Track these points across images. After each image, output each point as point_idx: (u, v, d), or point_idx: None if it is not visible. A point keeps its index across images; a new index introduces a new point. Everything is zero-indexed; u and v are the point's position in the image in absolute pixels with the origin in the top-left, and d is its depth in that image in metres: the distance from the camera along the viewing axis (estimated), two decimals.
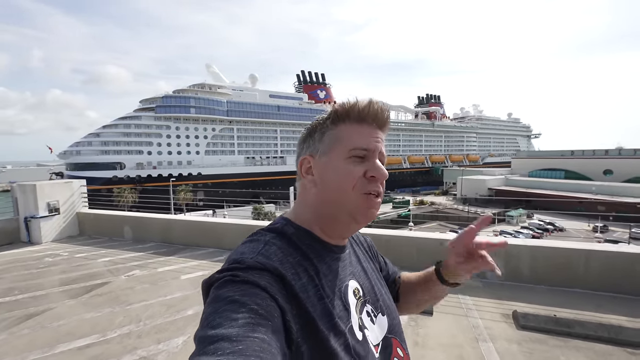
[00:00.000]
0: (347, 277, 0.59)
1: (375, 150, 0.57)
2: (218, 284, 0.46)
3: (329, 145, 0.57)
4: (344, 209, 0.56)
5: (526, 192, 41.73)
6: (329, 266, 0.57)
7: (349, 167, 0.55)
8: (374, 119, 0.58)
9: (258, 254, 0.50)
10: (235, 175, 51.88)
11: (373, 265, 0.72)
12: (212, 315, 0.41)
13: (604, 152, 50.14)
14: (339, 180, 0.56)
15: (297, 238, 0.56)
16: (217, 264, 4.09)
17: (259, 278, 0.45)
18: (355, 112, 0.57)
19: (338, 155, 0.56)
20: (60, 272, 3.86)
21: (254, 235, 0.57)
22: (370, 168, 0.56)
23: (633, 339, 2.18)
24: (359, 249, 0.72)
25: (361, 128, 0.57)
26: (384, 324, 0.62)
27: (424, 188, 66.53)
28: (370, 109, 0.57)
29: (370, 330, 0.57)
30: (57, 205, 5.42)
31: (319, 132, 0.59)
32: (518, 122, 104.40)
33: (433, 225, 30.92)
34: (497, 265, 0.57)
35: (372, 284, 0.65)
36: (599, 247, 3.18)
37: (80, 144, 45.17)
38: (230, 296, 0.43)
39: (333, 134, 0.58)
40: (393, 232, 3.95)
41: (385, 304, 0.65)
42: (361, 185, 0.55)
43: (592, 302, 2.82)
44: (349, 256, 0.64)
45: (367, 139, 0.57)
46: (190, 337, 2.37)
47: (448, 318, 2.64)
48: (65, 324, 2.60)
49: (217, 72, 60.88)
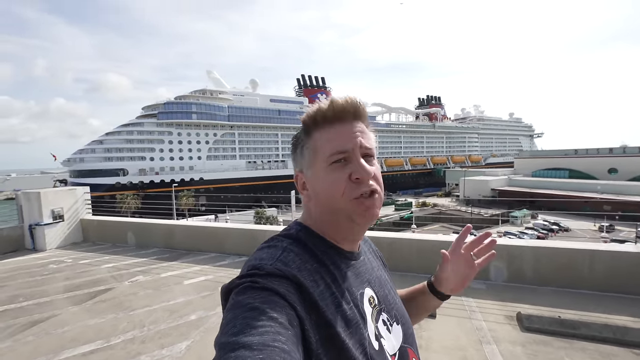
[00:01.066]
0: (362, 285, 0.59)
1: (354, 148, 0.54)
2: (238, 290, 0.46)
3: (309, 159, 0.57)
4: (342, 214, 0.55)
5: (530, 192, 41.43)
6: (345, 273, 0.56)
7: (332, 175, 0.54)
8: (342, 115, 0.55)
9: (277, 260, 0.50)
10: (237, 180, 52.02)
11: (386, 274, 0.71)
12: (232, 321, 0.41)
13: (609, 151, 49.71)
14: (327, 191, 0.55)
15: (312, 244, 0.56)
16: (220, 269, 4.10)
17: (278, 285, 0.45)
18: (320, 116, 0.55)
19: (319, 166, 0.55)
20: (65, 278, 3.89)
21: (271, 241, 0.57)
22: (354, 170, 0.53)
23: (639, 340, 2.16)
24: (373, 257, 0.71)
25: (333, 130, 0.55)
26: (399, 333, 0.61)
27: (426, 190, 66.22)
28: (335, 108, 0.55)
29: (386, 339, 0.57)
30: (61, 213, 5.47)
31: (299, 147, 0.59)
32: (520, 122, 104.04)
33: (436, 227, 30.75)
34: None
35: (386, 292, 0.65)
36: (604, 247, 3.16)
37: (84, 151, 45.62)
38: (251, 303, 0.43)
39: (310, 147, 0.57)
40: (394, 234, 3.95)
41: (399, 312, 0.64)
42: (349, 191, 0.53)
43: (597, 303, 2.79)
44: (364, 263, 0.64)
45: (341, 140, 0.54)
46: (194, 342, 2.38)
47: (451, 320, 2.63)
48: (70, 330, 2.62)
49: (218, 77, 61.43)
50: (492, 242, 0.66)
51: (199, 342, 2.38)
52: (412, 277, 3.52)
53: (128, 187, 43.25)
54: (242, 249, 4.63)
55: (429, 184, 70.64)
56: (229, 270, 4.03)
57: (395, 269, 3.65)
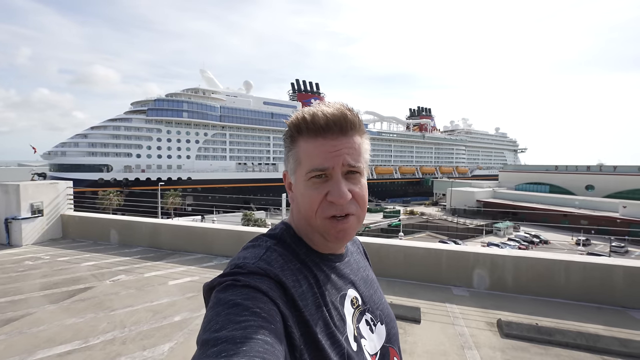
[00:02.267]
0: (345, 286, 0.59)
1: (334, 167, 0.51)
2: (220, 288, 0.46)
3: (293, 166, 0.56)
4: (315, 230, 0.55)
5: (513, 205, 42.84)
6: (327, 275, 0.57)
7: (308, 191, 0.53)
8: (328, 129, 0.52)
9: (259, 260, 0.50)
10: (226, 181, 51.31)
11: (371, 274, 0.71)
12: (214, 318, 0.41)
13: (586, 168, 52.27)
14: (303, 204, 0.54)
15: (296, 245, 0.57)
16: (206, 270, 4.03)
17: (260, 283, 0.46)
18: (307, 125, 0.52)
19: (300, 177, 0.54)
20: (41, 275, 3.73)
21: (255, 241, 0.57)
22: (330, 190, 0.51)
23: (609, 347, 2.28)
24: (360, 257, 0.71)
25: (316, 143, 0.52)
26: (383, 333, 0.61)
27: (415, 198, 67.31)
28: (328, 121, 0.51)
29: (368, 339, 0.57)
30: (40, 207, 5.25)
31: (286, 150, 0.57)
32: (505, 137, 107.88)
33: (423, 235, 31.21)
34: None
35: (372, 292, 0.65)
36: (577, 259, 3.32)
37: (66, 145, 44.03)
38: (233, 300, 0.43)
39: (294, 154, 0.55)
40: (382, 240, 4.01)
41: (384, 312, 0.65)
42: (323, 210, 0.52)
43: (572, 311, 2.92)
44: (349, 264, 0.64)
45: (323, 157, 0.51)
46: (177, 343, 2.33)
47: (435, 326, 2.69)
48: (46, 329, 2.51)
49: (212, 77, 60.94)
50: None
51: (182, 343, 2.34)
52: (400, 283, 3.58)
53: (111, 183, 41.92)
54: (230, 250, 4.57)
55: (417, 193, 71.87)
56: (216, 272, 3.96)
57: (382, 274, 3.70)
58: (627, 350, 2.24)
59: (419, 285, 3.53)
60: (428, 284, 3.56)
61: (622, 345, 2.28)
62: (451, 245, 3.96)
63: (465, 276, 3.51)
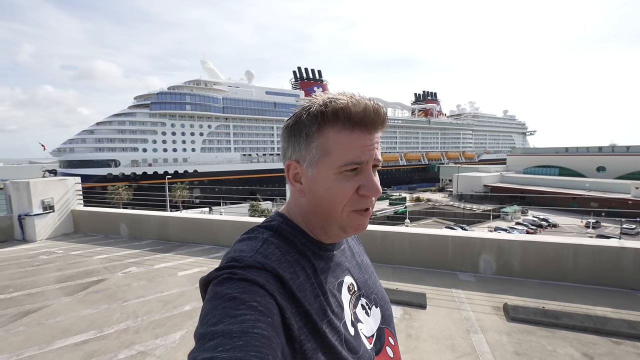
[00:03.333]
0: (342, 274, 0.60)
1: (369, 161, 0.51)
2: (216, 282, 0.46)
3: (316, 157, 0.51)
4: (335, 222, 0.55)
5: (521, 189, 42.20)
6: (325, 263, 0.57)
7: (340, 184, 0.51)
8: (368, 123, 0.50)
9: (256, 253, 0.50)
10: (232, 173, 51.63)
11: (366, 258, 0.73)
12: (211, 312, 0.41)
13: (598, 149, 50.79)
14: (329, 198, 0.52)
15: (293, 236, 0.56)
16: (214, 261, 4.11)
17: (257, 276, 0.46)
18: (345, 116, 0.49)
19: (327, 169, 0.51)
20: (56, 269, 3.86)
21: (251, 233, 0.56)
22: (364, 184, 0.51)
23: (617, 329, 2.26)
24: (354, 242, 0.72)
25: (353, 136, 0.50)
26: (378, 315, 0.63)
27: (421, 185, 66.86)
28: (366, 114, 0.50)
29: (365, 323, 0.59)
30: (51, 203, 5.38)
31: (304, 137, 0.52)
32: (514, 120, 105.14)
33: (429, 221, 31.16)
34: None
35: (366, 277, 0.67)
36: (587, 242, 3.26)
37: (74, 141, 44.60)
38: (229, 293, 0.43)
39: (320, 144, 0.51)
40: (388, 228, 4.00)
41: (379, 295, 0.66)
42: (352, 203, 0.51)
43: (580, 294, 2.90)
44: (344, 251, 0.65)
45: (360, 150, 0.50)
46: (188, 332, 2.41)
47: (441, 311, 2.70)
48: (62, 320, 2.61)
49: (213, 68, 60.29)
50: None
51: (192, 332, 2.40)
52: (406, 270, 3.59)
53: (120, 178, 42.59)
54: None
55: (423, 180, 71.33)
56: None
57: (388, 261, 3.71)
58: (636, 332, 2.22)
59: (424, 272, 3.54)
60: (434, 270, 3.57)
61: (631, 327, 2.26)
62: (457, 231, 3.93)
63: (471, 261, 3.50)
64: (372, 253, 0.66)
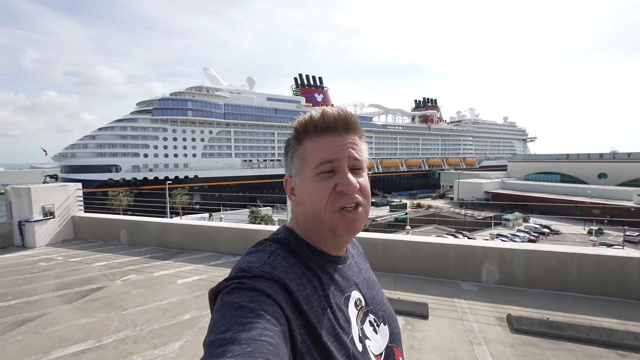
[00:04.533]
0: (349, 288, 0.60)
1: (342, 159, 0.54)
2: (225, 291, 0.47)
3: (298, 166, 0.58)
4: (324, 226, 0.56)
5: (522, 196, 42.06)
6: (332, 277, 0.58)
7: (317, 185, 0.55)
8: (333, 126, 0.56)
9: (264, 264, 0.51)
10: (232, 178, 51.71)
11: (372, 275, 0.73)
12: (220, 320, 0.42)
13: (599, 156, 50.79)
14: (311, 200, 0.56)
15: (298, 249, 0.58)
16: (214, 269, 4.08)
17: (265, 286, 0.47)
18: (312, 125, 0.56)
19: (306, 174, 0.56)
20: (55, 276, 3.83)
21: (259, 245, 0.58)
22: (340, 181, 0.54)
23: (624, 342, 2.22)
24: (360, 259, 0.73)
25: (323, 140, 0.56)
26: (386, 333, 0.63)
27: (421, 191, 66.68)
28: (325, 118, 0.55)
29: (372, 340, 0.58)
30: (52, 209, 5.37)
31: (290, 153, 0.60)
32: (514, 126, 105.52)
33: (429, 228, 30.98)
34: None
35: (374, 293, 0.66)
36: (591, 251, 3.23)
37: (76, 146, 44.84)
38: (238, 302, 0.44)
39: (299, 154, 0.58)
40: (389, 236, 3.98)
41: (387, 313, 0.66)
42: (332, 202, 0.54)
43: (585, 305, 2.86)
44: (351, 266, 0.65)
45: (330, 150, 0.55)
46: (187, 342, 2.37)
47: (443, 322, 2.66)
48: (60, 329, 2.58)
49: (215, 74, 60.98)
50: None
51: (192, 342, 2.37)
52: (407, 278, 3.56)
53: (121, 183, 42.65)
54: (237, 248, 4.61)
55: (423, 186, 71.19)
56: (223, 270, 4.01)
57: (390, 270, 3.68)
58: None
59: (426, 281, 3.50)
60: (436, 279, 3.53)
61: (636, 340, 2.22)
62: (459, 240, 3.91)
63: (473, 271, 3.47)
64: (373, 262, 0.67)
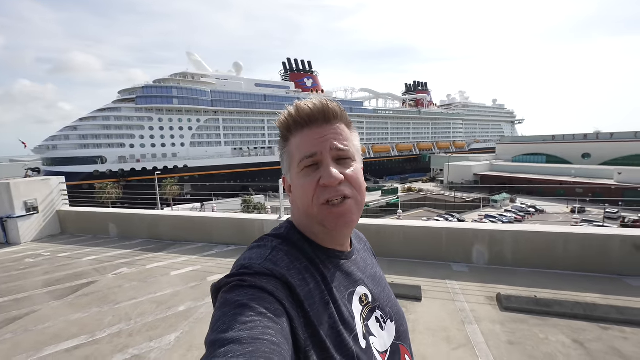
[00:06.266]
0: (355, 284, 0.59)
1: (323, 152, 0.54)
2: (226, 289, 0.46)
3: (287, 164, 0.58)
4: (314, 220, 0.56)
5: (510, 177, 43.15)
6: (335, 272, 0.57)
7: (303, 180, 0.55)
8: (310, 120, 0.55)
9: (266, 260, 0.50)
10: (223, 167, 50.95)
11: (379, 270, 0.72)
12: (221, 319, 0.42)
13: (583, 137, 52.15)
14: (300, 196, 0.56)
15: (301, 243, 0.57)
16: (208, 259, 4.05)
17: (266, 283, 0.46)
18: (292, 121, 0.56)
19: (294, 171, 0.57)
20: (43, 272, 3.74)
21: (260, 241, 0.57)
22: (323, 174, 0.53)
23: (606, 315, 2.34)
24: (368, 255, 0.72)
25: (303, 135, 0.55)
26: (392, 330, 0.62)
27: (412, 175, 67.52)
28: (301, 113, 0.54)
29: (378, 337, 0.57)
30: (35, 204, 5.18)
31: (280, 152, 0.60)
32: (502, 109, 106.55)
33: (420, 211, 31.63)
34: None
35: (381, 289, 0.65)
36: (576, 230, 3.33)
37: (57, 138, 43.01)
38: (239, 300, 0.43)
39: (287, 152, 0.58)
40: (381, 221, 4.01)
41: (394, 310, 0.65)
42: (318, 196, 0.54)
43: (570, 282, 2.98)
44: (357, 262, 0.64)
45: (311, 144, 0.54)
46: (183, 333, 2.37)
47: (436, 303, 2.74)
48: (51, 326, 2.53)
49: (200, 60, 58.61)
50: None
51: (188, 333, 2.37)
52: (401, 262, 3.62)
53: (107, 175, 41.52)
54: (230, 238, 4.58)
55: (414, 170, 72.00)
56: (217, 260, 3.99)
57: (384, 254, 3.73)
58: (623, 318, 2.29)
59: (419, 264, 3.57)
60: (428, 262, 3.61)
61: (618, 313, 2.34)
62: (450, 223, 3.97)
63: (464, 252, 3.55)
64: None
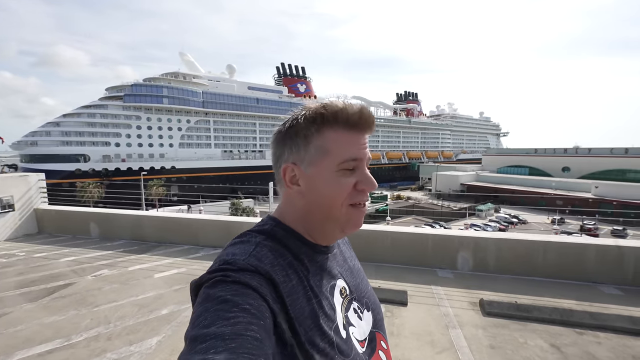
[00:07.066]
0: (335, 277, 0.61)
1: (364, 159, 0.55)
2: (209, 284, 0.45)
3: (316, 156, 0.54)
4: (333, 221, 0.56)
5: (495, 188, 44.49)
6: (319, 266, 0.58)
7: (340, 180, 0.54)
8: (362, 124, 0.55)
9: (250, 256, 0.50)
10: (212, 170, 50.22)
11: (357, 263, 0.74)
12: (203, 314, 0.40)
13: (563, 151, 54.63)
14: (330, 194, 0.54)
15: (286, 239, 0.56)
16: (193, 262, 3.97)
17: (250, 279, 0.45)
18: (343, 117, 0.53)
19: (327, 168, 0.54)
20: (17, 273, 3.56)
21: (244, 237, 0.56)
22: (361, 179, 0.55)
23: (581, 321, 2.43)
24: (345, 247, 0.73)
25: (349, 136, 0.54)
26: (370, 319, 0.64)
27: (401, 183, 68.59)
28: (361, 117, 0.54)
29: (357, 326, 0.59)
30: (10, 201, 4.95)
31: (303, 139, 0.54)
32: (489, 121, 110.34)
33: (409, 219, 32.05)
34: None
35: (358, 281, 0.67)
36: (555, 239, 3.48)
37: (37, 134, 41.38)
38: (222, 296, 0.42)
39: (320, 144, 0.54)
40: (370, 227, 4.05)
41: (370, 300, 0.67)
42: (350, 198, 0.54)
43: (549, 288, 3.09)
44: (336, 256, 0.65)
45: (356, 148, 0.54)
46: (165, 337, 2.30)
47: (421, 308, 2.78)
48: (24, 329, 2.41)
49: (192, 60, 58.10)
50: None
51: (170, 336, 2.31)
52: (388, 267, 3.66)
53: (90, 174, 40.14)
54: (217, 240, 4.51)
55: (404, 178, 73.20)
56: (203, 263, 3.91)
57: (370, 260, 3.76)
58: (596, 323, 2.40)
59: (405, 269, 3.62)
60: (414, 267, 3.66)
61: (592, 318, 2.44)
62: (436, 230, 4.06)
63: (449, 259, 3.63)
64: (355, 252, 0.66)
